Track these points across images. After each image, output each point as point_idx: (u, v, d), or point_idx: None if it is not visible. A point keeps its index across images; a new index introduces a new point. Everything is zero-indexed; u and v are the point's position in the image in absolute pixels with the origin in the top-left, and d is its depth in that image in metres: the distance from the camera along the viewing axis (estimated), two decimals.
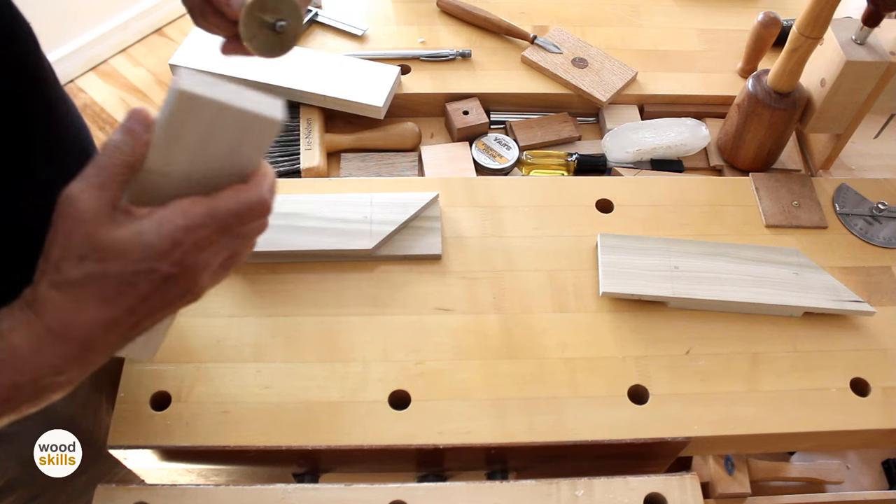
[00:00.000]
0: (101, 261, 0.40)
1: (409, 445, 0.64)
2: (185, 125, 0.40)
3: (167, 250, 0.41)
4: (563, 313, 0.73)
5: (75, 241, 0.40)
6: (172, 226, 0.41)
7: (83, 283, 0.40)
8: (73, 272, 0.40)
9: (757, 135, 0.84)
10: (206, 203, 0.41)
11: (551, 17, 1.03)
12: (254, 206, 0.43)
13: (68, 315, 0.41)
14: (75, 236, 0.40)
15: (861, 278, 0.77)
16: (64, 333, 0.41)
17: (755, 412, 0.67)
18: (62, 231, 0.40)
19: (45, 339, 0.41)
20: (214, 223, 0.42)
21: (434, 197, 0.78)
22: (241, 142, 0.42)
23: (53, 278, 0.41)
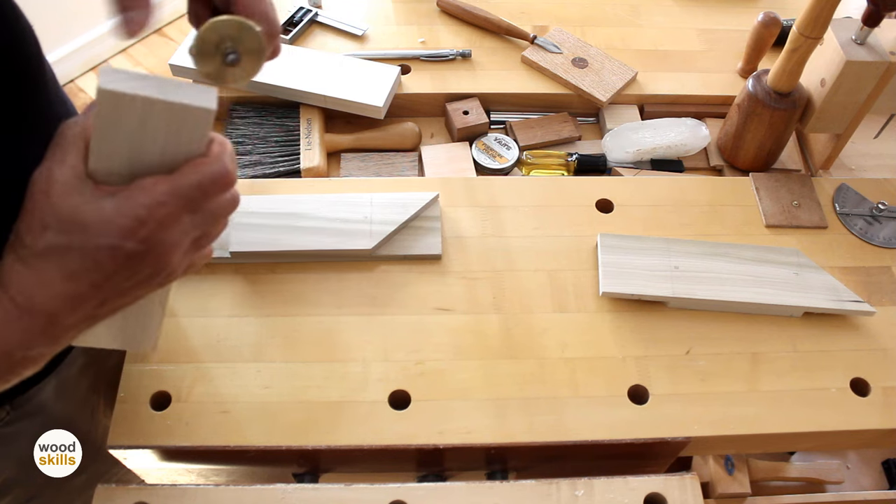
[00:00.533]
0: (64, 232, 0.40)
1: (409, 445, 0.64)
2: (115, 124, 0.40)
3: (131, 227, 0.40)
4: (563, 313, 0.73)
5: (38, 212, 0.40)
6: (135, 203, 0.40)
7: (46, 254, 0.40)
8: (37, 243, 0.40)
9: (757, 135, 0.84)
10: (168, 180, 0.41)
11: (551, 17, 1.03)
12: (216, 178, 0.43)
13: (32, 288, 0.40)
14: (39, 207, 0.40)
15: (861, 278, 0.77)
16: (28, 307, 0.41)
17: (755, 412, 0.67)
18: (28, 207, 0.40)
19: (10, 312, 0.40)
20: (178, 199, 0.41)
21: (434, 197, 0.78)
22: (178, 133, 0.41)
23: (18, 252, 0.41)
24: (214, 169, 0.42)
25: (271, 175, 0.85)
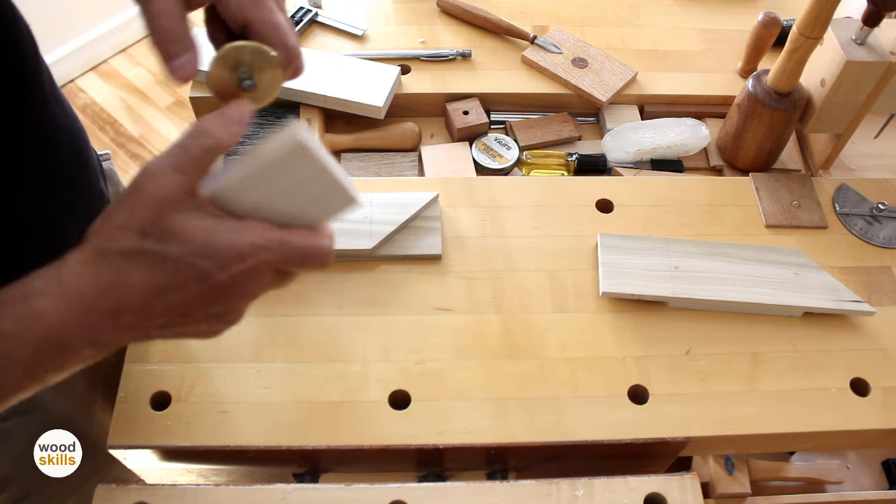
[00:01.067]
0: (162, 242, 0.39)
1: (409, 445, 0.64)
2: (283, 171, 0.40)
3: (230, 259, 0.39)
4: (563, 313, 0.73)
5: (140, 215, 0.39)
6: (244, 239, 0.40)
7: (136, 257, 0.39)
8: (130, 243, 0.39)
9: (757, 135, 0.84)
10: (281, 232, 0.41)
11: (551, 17, 1.03)
12: (318, 253, 0.43)
13: (107, 285, 0.39)
14: (142, 210, 0.39)
15: (861, 278, 0.77)
16: (95, 304, 0.39)
17: (755, 412, 0.67)
18: (129, 202, 0.39)
19: (75, 305, 0.39)
20: (282, 254, 0.41)
21: (434, 197, 0.78)
22: (318, 204, 0.43)
23: (106, 245, 0.39)
24: (323, 244, 0.43)
25: None
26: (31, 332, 0.38)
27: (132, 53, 2.32)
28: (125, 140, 2.10)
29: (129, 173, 2.04)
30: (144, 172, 0.39)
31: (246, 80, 0.45)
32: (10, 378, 0.39)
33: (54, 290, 0.38)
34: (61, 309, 0.38)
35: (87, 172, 0.64)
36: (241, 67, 0.44)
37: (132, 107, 2.18)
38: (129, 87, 2.22)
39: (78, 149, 0.63)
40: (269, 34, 0.44)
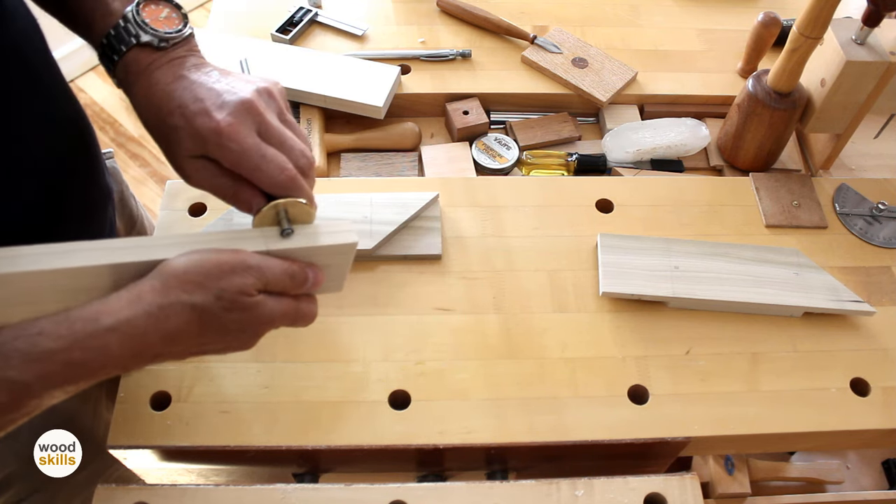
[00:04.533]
0: (228, 309, 0.50)
1: (409, 445, 0.64)
2: (322, 257, 0.54)
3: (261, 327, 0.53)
4: (563, 313, 0.73)
5: (224, 284, 0.49)
6: (275, 311, 0.53)
7: (201, 311, 0.49)
8: (201, 299, 0.48)
9: (757, 135, 0.84)
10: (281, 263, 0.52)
11: (551, 17, 1.03)
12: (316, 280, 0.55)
13: (173, 331, 0.48)
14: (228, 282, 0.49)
15: (861, 278, 0.77)
16: (155, 346, 0.48)
17: (755, 412, 0.67)
18: (217, 268, 0.49)
19: (137, 346, 0.47)
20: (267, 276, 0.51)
21: (434, 197, 0.78)
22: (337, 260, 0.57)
23: (181, 297, 0.48)
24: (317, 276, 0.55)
25: None
26: (95, 363, 0.46)
27: None
28: (125, 140, 2.10)
29: (130, 174, 2.04)
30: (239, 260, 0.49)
31: (286, 230, 0.54)
32: (62, 393, 0.47)
33: (125, 329, 0.46)
34: (125, 347, 0.46)
35: (94, 168, 0.64)
36: (281, 218, 0.54)
37: (132, 107, 2.18)
38: None
39: (86, 144, 0.63)
40: (296, 192, 0.53)
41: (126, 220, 0.84)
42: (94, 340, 0.45)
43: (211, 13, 1.02)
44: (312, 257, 0.53)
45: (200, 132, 0.50)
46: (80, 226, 0.62)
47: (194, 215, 0.78)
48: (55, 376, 0.45)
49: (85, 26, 0.55)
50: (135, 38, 0.53)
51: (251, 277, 0.50)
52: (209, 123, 0.50)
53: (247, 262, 0.50)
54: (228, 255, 0.49)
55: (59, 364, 0.44)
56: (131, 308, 0.47)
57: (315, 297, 0.56)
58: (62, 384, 0.46)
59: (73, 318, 0.46)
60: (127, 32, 0.53)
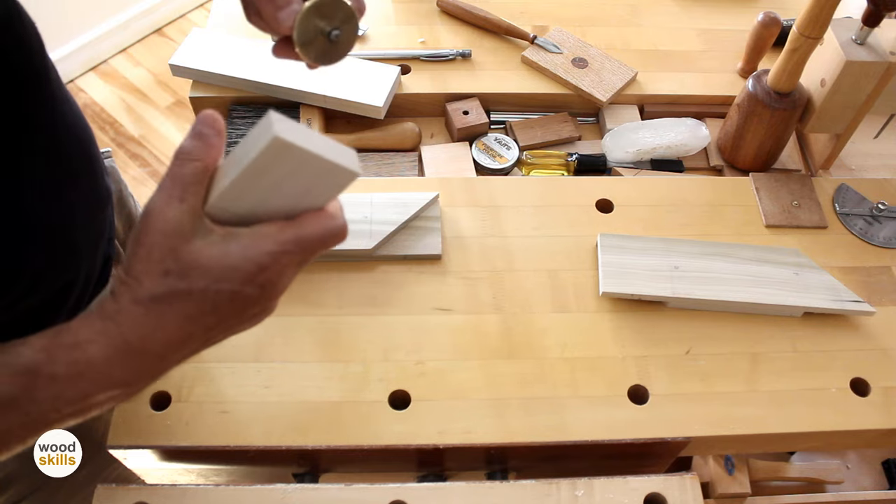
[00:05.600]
0: (185, 277, 0.40)
1: (409, 445, 0.64)
2: (269, 169, 0.39)
3: (253, 273, 0.40)
4: (563, 313, 0.73)
5: (158, 255, 0.40)
6: (260, 250, 0.40)
7: (166, 299, 0.40)
8: (157, 288, 0.40)
9: (757, 135, 0.84)
10: (294, 230, 0.41)
11: (551, 17, 1.03)
12: (337, 233, 0.43)
13: (148, 330, 0.41)
14: (158, 250, 0.40)
15: (861, 278, 0.77)
16: (142, 348, 0.41)
17: (755, 412, 0.67)
18: (145, 244, 0.40)
19: (122, 352, 0.41)
20: (301, 249, 0.41)
21: (434, 197, 0.78)
22: (318, 188, 0.42)
23: (136, 293, 0.40)
24: (338, 224, 0.43)
25: None
26: (84, 378, 0.40)
27: (132, 53, 2.32)
28: (125, 140, 2.10)
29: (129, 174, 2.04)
30: (147, 213, 0.40)
31: (334, 31, 0.49)
32: (59, 415, 0.41)
33: (102, 340, 0.40)
34: (109, 354, 0.40)
35: (93, 169, 0.65)
36: (324, 23, 0.47)
37: (132, 107, 2.18)
38: (129, 87, 2.22)
39: (85, 146, 0.63)
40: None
41: (125, 220, 0.84)
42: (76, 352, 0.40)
43: (211, 13, 1.02)
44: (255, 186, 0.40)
45: None
46: (80, 226, 0.62)
47: None
48: (41, 391, 0.40)
49: None
50: None
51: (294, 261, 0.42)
52: None
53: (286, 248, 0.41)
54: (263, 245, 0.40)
55: (44, 378, 0.40)
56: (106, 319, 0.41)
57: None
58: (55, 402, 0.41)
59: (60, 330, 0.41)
60: None
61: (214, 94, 0.92)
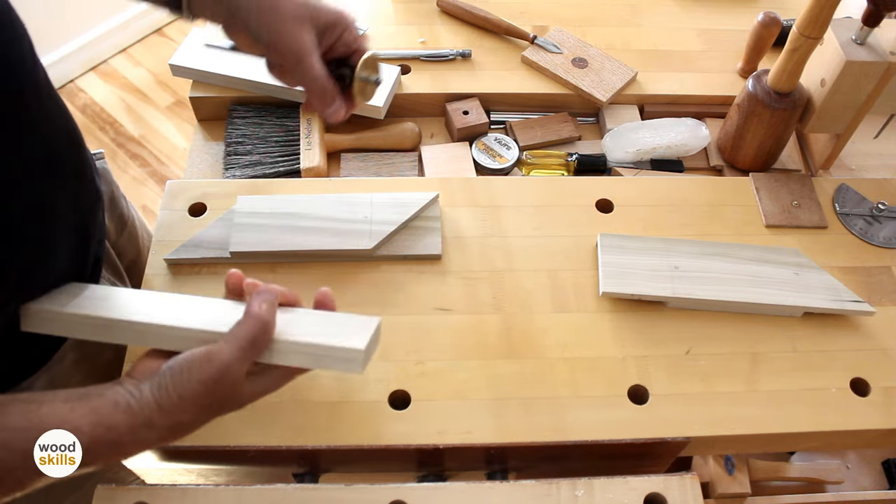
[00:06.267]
0: (222, 408, 0.54)
1: (409, 445, 0.64)
2: (333, 364, 0.56)
3: (251, 400, 0.56)
4: (563, 313, 0.73)
5: (212, 400, 0.53)
6: (269, 384, 0.57)
7: (194, 425, 0.54)
8: (191, 418, 0.53)
9: (757, 135, 0.84)
10: (290, 371, 0.58)
11: (551, 17, 1.03)
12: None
13: (170, 435, 0.53)
14: (215, 397, 0.53)
15: (861, 278, 0.77)
16: (158, 442, 0.53)
17: (755, 412, 0.67)
18: (211, 390, 0.52)
19: (145, 446, 0.53)
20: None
21: (434, 197, 0.78)
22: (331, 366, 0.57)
23: (178, 416, 0.52)
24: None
25: (271, 175, 0.85)
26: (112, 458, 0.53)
27: (132, 53, 2.32)
28: (125, 140, 2.10)
29: (130, 174, 2.04)
30: (222, 368, 0.52)
31: (375, 77, 0.67)
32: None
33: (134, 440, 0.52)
34: (106, 456, 0.52)
35: (83, 171, 0.64)
36: (372, 73, 0.67)
37: (132, 107, 2.18)
38: (129, 87, 2.23)
39: (75, 148, 0.63)
40: (364, 46, 0.67)
41: (116, 221, 0.83)
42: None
43: None
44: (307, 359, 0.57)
45: (339, 11, 0.64)
46: (72, 227, 0.62)
47: (194, 215, 0.78)
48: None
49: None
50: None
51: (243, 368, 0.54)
52: (334, 9, 0.64)
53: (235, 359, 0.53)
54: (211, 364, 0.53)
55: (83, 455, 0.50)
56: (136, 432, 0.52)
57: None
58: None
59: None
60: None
61: (214, 94, 0.92)
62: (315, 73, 0.62)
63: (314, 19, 0.62)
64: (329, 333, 0.56)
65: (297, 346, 0.55)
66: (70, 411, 0.50)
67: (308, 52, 0.61)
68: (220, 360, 0.52)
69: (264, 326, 0.54)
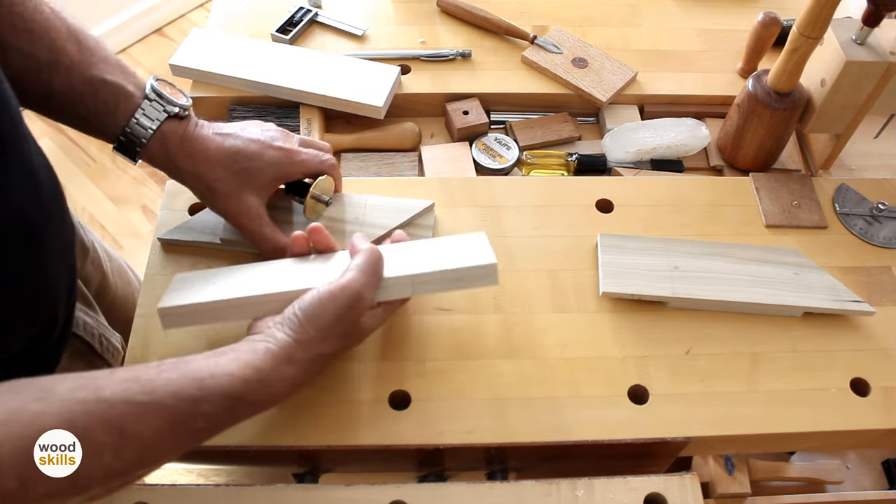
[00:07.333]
0: (348, 338, 0.60)
1: (409, 445, 0.64)
2: (462, 281, 0.62)
3: (365, 336, 0.64)
4: (563, 313, 0.73)
5: (345, 327, 0.58)
6: (382, 318, 0.64)
7: (329, 356, 0.59)
8: (329, 348, 0.57)
9: (757, 135, 0.84)
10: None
11: (551, 17, 1.03)
12: None
13: (303, 380, 0.57)
14: (347, 324, 0.58)
15: (861, 278, 0.77)
16: (286, 392, 0.57)
17: (755, 412, 0.67)
18: (345, 317, 0.57)
19: (270, 398, 0.56)
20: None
21: (429, 205, 0.77)
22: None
23: (312, 349, 0.56)
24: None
25: None
26: (268, 405, 0.57)
27: (132, 53, 2.32)
28: None
29: (130, 174, 2.04)
30: (354, 294, 0.57)
31: (326, 199, 0.74)
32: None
33: (287, 383, 0.56)
34: (260, 398, 0.55)
35: (64, 208, 0.64)
36: (322, 193, 0.73)
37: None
38: None
39: (54, 183, 0.63)
40: (325, 171, 0.73)
41: (79, 250, 0.83)
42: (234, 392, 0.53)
43: (211, 13, 1.02)
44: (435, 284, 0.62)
45: (275, 159, 0.68)
46: (60, 265, 0.63)
47: (194, 215, 0.78)
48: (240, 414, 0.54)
49: (104, 114, 0.64)
50: (167, 111, 0.65)
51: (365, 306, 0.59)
52: (279, 152, 0.69)
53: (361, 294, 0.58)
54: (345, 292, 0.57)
55: (245, 405, 0.54)
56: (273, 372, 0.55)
57: None
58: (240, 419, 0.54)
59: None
60: (156, 108, 0.64)
61: (214, 94, 0.92)
62: (263, 236, 0.69)
63: (256, 183, 0.68)
64: (459, 257, 0.62)
65: (439, 275, 0.61)
66: (215, 364, 0.52)
67: (253, 220, 0.68)
68: (354, 287, 0.57)
69: (378, 253, 0.60)
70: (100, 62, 0.63)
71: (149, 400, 0.48)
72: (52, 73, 0.61)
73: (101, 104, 0.63)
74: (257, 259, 0.71)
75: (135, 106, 0.64)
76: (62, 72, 0.61)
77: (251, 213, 0.68)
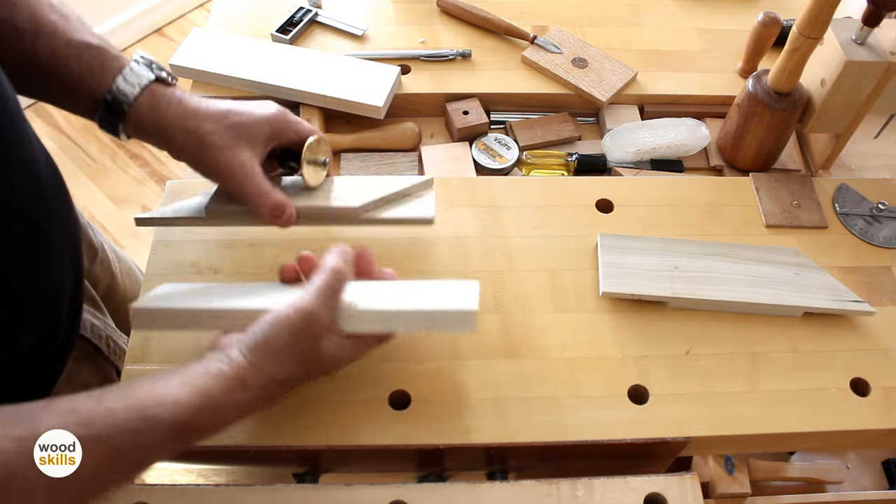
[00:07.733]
0: (310, 368, 0.57)
1: (409, 445, 0.64)
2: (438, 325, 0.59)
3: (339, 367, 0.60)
4: (563, 313, 0.73)
5: (303, 349, 0.55)
6: (360, 350, 0.60)
7: (288, 381, 0.55)
8: (285, 372, 0.54)
9: (757, 135, 0.84)
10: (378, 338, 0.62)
11: (551, 17, 1.03)
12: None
13: (255, 406, 0.54)
14: (304, 347, 0.55)
15: (861, 278, 0.77)
16: (237, 417, 0.53)
17: (755, 412, 0.67)
18: (293, 336, 0.54)
19: (221, 422, 0.52)
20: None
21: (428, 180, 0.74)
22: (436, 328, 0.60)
23: (268, 372, 0.53)
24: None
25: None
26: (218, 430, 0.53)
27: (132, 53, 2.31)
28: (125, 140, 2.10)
29: (130, 173, 2.04)
30: (307, 315, 0.55)
31: (323, 159, 0.69)
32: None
33: (238, 410, 0.53)
34: (208, 425, 0.52)
35: (69, 206, 0.64)
36: (317, 155, 0.69)
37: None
38: None
39: (59, 183, 0.63)
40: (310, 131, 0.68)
41: (88, 251, 0.83)
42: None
43: (211, 13, 1.02)
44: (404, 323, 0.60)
45: (268, 116, 0.65)
46: (65, 265, 0.63)
47: None
48: (188, 441, 0.51)
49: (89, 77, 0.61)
50: (154, 73, 0.62)
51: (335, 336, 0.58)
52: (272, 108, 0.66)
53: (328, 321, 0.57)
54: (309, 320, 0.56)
55: (193, 433, 0.51)
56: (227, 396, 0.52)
57: None
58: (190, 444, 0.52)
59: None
60: (144, 68, 0.62)
61: (214, 94, 0.92)
62: (260, 191, 0.64)
63: (249, 139, 0.64)
64: (438, 298, 0.60)
65: (412, 314, 0.58)
66: (163, 388, 0.50)
67: (248, 174, 0.63)
68: (304, 308, 0.55)
69: (338, 274, 0.58)
70: (84, 30, 0.61)
71: (86, 434, 0.46)
72: (34, 40, 0.59)
73: (86, 68, 0.60)
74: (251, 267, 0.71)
75: (122, 65, 0.61)
76: (44, 37, 0.59)
77: (245, 166, 0.63)
